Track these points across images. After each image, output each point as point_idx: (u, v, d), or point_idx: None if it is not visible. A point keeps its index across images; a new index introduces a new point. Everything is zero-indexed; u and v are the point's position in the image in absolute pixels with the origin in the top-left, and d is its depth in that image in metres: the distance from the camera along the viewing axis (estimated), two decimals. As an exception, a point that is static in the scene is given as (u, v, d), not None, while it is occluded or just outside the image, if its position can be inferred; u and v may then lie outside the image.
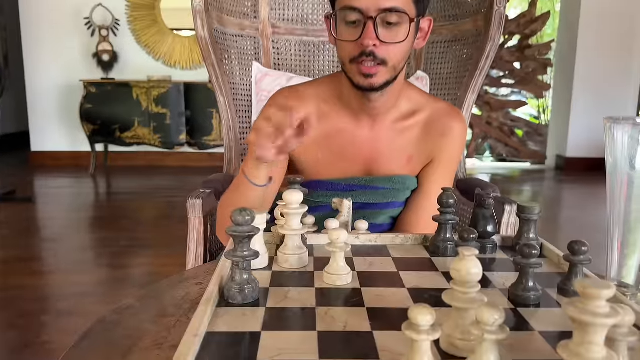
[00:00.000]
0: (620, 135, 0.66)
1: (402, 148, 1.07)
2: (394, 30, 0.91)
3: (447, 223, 0.74)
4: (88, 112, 4.61)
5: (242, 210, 0.56)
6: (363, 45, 0.91)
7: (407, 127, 1.07)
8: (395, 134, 1.07)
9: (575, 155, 5.03)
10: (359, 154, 1.06)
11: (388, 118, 1.06)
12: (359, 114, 1.04)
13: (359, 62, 0.93)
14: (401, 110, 1.07)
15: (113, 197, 4.25)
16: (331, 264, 0.63)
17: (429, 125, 1.08)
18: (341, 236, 0.62)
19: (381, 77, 0.94)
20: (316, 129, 1.05)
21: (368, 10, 0.89)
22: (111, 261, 2.68)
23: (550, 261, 0.73)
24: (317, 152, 1.07)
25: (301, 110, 0.83)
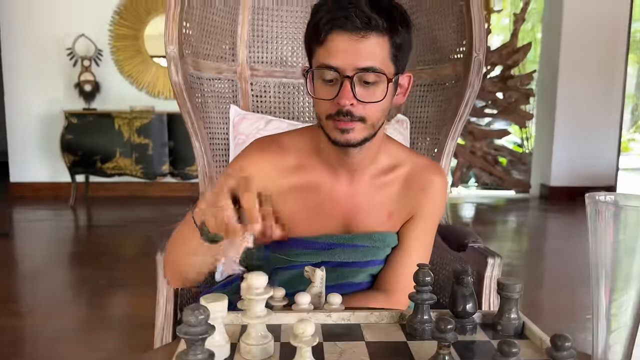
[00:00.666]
0: (603, 213, 0.62)
1: (381, 204, 1.04)
2: (371, 89, 0.89)
3: (423, 303, 0.70)
4: (69, 142, 4.53)
5: (195, 309, 0.51)
6: (339, 104, 0.88)
7: (387, 183, 1.04)
8: (375, 189, 1.03)
9: (559, 184, 5.05)
10: (337, 210, 1.03)
11: (367, 173, 1.03)
12: (337, 169, 1.01)
13: (335, 119, 0.90)
14: (380, 165, 1.04)
15: (93, 230, 4.16)
16: (297, 359, 0.58)
17: (409, 180, 1.05)
18: (307, 329, 0.58)
19: (358, 133, 0.91)
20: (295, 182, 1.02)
21: (345, 69, 0.87)
22: (90, 300, 2.61)
23: (532, 344, 0.68)
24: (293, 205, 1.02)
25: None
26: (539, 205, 5.01)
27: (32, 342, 2.18)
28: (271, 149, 1.03)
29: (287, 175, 1.01)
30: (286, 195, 1.01)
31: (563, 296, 2.50)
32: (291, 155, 1.02)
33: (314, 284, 0.82)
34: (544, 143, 5.25)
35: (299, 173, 1.02)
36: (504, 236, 4.04)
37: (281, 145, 1.03)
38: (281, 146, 1.03)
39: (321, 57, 0.89)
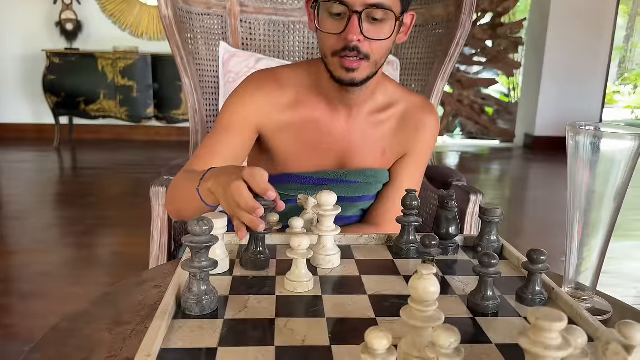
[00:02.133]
0: (582, 141, 0.66)
1: (376, 141, 1.06)
2: (378, 26, 0.89)
3: (410, 225, 0.74)
4: (51, 83, 4.44)
5: (200, 220, 0.55)
6: (347, 39, 0.88)
7: (382, 120, 1.06)
8: (371, 126, 1.05)
9: (543, 134, 5.12)
10: (333, 145, 1.05)
11: (364, 110, 1.04)
12: (335, 105, 1.02)
13: (341, 56, 0.90)
14: (377, 102, 1.05)
15: (78, 172, 4.15)
16: (292, 270, 0.63)
17: (404, 119, 1.07)
18: (302, 243, 0.61)
19: (363, 71, 0.92)
20: (292, 118, 1.03)
21: (354, 4, 0.86)
22: (77, 240, 2.63)
23: (510, 264, 0.74)
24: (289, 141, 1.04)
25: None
26: (522, 154, 5.09)
27: (19, 279, 2.21)
28: (268, 84, 1.03)
29: (284, 110, 1.02)
30: (283, 130, 1.02)
31: (542, 242, 2.60)
32: (289, 91, 1.03)
33: (306, 210, 0.86)
34: (530, 93, 5.28)
35: (296, 109, 1.03)
36: (487, 184, 4.13)
37: (279, 80, 1.03)
38: (279, 81, 1.03)
39: None
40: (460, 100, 4.99)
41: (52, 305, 1.96)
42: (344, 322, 0.56)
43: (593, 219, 0.68)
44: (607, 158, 0.67)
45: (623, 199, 0.68)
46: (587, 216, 0.68)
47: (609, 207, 0.68)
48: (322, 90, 1.02)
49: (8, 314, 1.90)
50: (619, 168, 0.66)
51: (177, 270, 0.62)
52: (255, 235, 0.69)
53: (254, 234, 0.69)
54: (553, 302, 0.63)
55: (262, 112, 1.02)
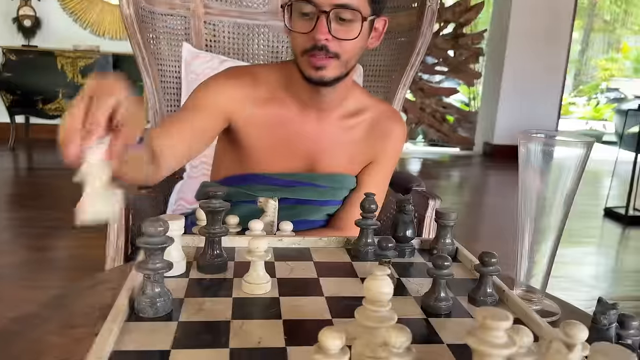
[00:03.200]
0: (533, 150, 0.68)
1: (345, 146, 1.07)
2: (346, 26, 0.90)
3: (368, 228, 0.75)
4: (7, 80, 4.29)
5: (155, 221, 0.54)
6: (315, 39, 0.90)
7: (352, 126, 1.07)
8: (341, 131, 1.06)
9: (502, 142, 5.26)
10: (302, 147, 1.05)
11: (334, 114, 1.05)
12: (306, 107, 1.03)
13: (310, 55, 0.91)
14: (348, 108, 1.06)
15: (34, 172, 4.02)
16: (250, 272, 0.63)
17: (372, 126, 1.08)
18: (260, 245, 0.61)
19: (332, 70, 0.93)
20: (264, 114, 1.03)
21: (322, 4, 0.88)
22: (31, 242, 2.54)
23: (464, 267, 0.76)
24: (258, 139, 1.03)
25: None
26: (481, 162, 5.22)
27: (-28, 282, 2.13)
28: (243, 77, 1.02)
29: (257, 104, 1.01)
30: (253, 124, 1.02)
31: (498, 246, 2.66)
32: (263, 87, 1.03)
33: (266, 213, 0.86)
34: (490, 102, 5.43)
35: (269, 105, 1.02)
36: (447, 190, 4.21)
37: (253, 75, 1.03)
38: (253, 76, 1.03)
39: None
40: (423, 108, 5.08)
41: (3, 308, 1.89)
42: (300, 323, 0.56)
43: (543, 224, 0.71)
44: (557, 165, 0.69)
45: (571, 204, 0.71)
46: (538, 222, 0.71)
47: (559, 212, 0.71)
48: (294, 91, 1.02)
49: (-45, 319, 1.82)
50: (568, 175, 0.69)
51: (130, 272, 0.61)
52: (211, 238, 0.68)
53: (211, 237, 0.68)
54: (504, 303, 0.65)
55: (235, 100, 1.01)
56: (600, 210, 3.66)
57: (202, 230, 0.68)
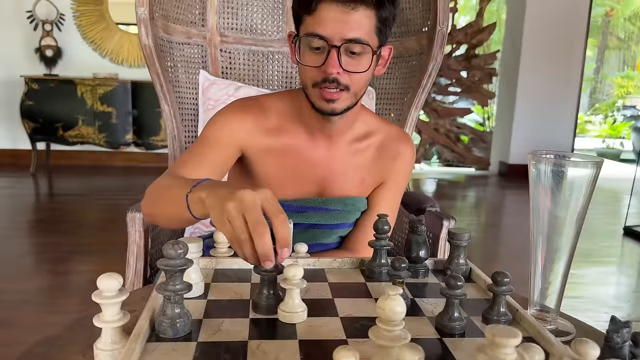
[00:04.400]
0: (543, 170, 0.69)
1: (355, 169, 1.09)
2: (356, 60, 0.92)
3: (381, 249, 0.76)
4: (29, 109, 4.41)
5: (175, 244, 0.56)
6: (326, 72, 0.91)
7: (361, 149, 1.09)
8: (350, 155, 1.08)
9: (517, 162, 5.24)
10: (313, 173, 1.07)
11: (344, 139, 1.07)
12: (316, 134, 1.05)
13: (321, 87, 0.93)
14: (356, 132, 1.08)
15: (55, 198, 4.09)
16: (287, 301, 0.63)
17: (382, 148, 1.10)
18: (297, 273, 0.63)
19: (343, 102, 0.95)
20: (274, 143, 1.04)
21: (332, 39, 0.90)
22: (53, 267, 2.59)
23: (478, 287, 0.76)
24: (270, 168, 1.05)
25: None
26: (497, 182, 5.20)
27: (-6, 307, 2.17)
28: (253, 108, 1.05)
29: (268, 135, 1.04)
30: (265, 154, 1.04)
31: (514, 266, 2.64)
32: (272, 117, 1.05)
33: (281, 235, 0.88)
34: (504, 122, 5.42)
35: (278, 135, 1.05)
36: (463, 211, 4.19)
37: (262, 107, 1.05)
38: (262, 107, 1.05)
39: (310, 26, 0.92)
40: (437, 128, 5.09)
41: (26, 333, 1.92)
42: (315, 343, 0.57)
43: (555, 243, 0.72)
44: (567, 185, 0.70)
45: (582, 223, 0.71)
46: (550, 241, 0.71)
47: (571, 232, 0.71)
48: (303, 119, 1.04)
49: (-21, 344, 1.86)
50: (579, 194, 0.70)
51: (151, 294, 0.63)
52: (267, 277, 0.64)
53: (266, 277, 0.64)
54: (517, 323, 0.65)
55: (247, 132, 1.03)
56: (619, 229, 3.60)
57: (258, 269, 0.64)
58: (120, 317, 0.57)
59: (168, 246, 0.56)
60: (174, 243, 0.56)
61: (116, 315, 0.56)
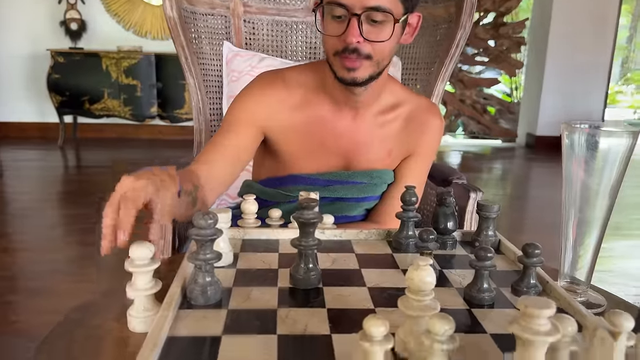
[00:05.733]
0: (577, 140, 0.68)
1: (382, 141, 1.07)
2: (378, 28, 0.90)
3: (409, 220, 0.76)
4: (56, 82, 4.47)
5: (205, 214, 0.57)
6: (346, 41, 0.90)
7: (388, 121, 1.07)
8: (377, 127, 1.07)
9: (545, 133, 5.13)
10: (339, 145, 1.06)
11: (370, 111, 1.05)
12: (341, 105, 1.04)
13: (342, 56, 0.92)
14: (383, 103, 1.07)
15: (83, 170, 4.18)
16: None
17: (409, 120, 1.08)
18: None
19: (364, 70, 0.93)
20: (299, 118, 1.04)
21: (353, 7, 0.88)
22: (82, 238, 2.65)
23: (507, 258, 0.75)
24: (296, 142, 1.05)
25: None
26: (524, 154, 5.10)
27: (25, 276, 2.24)
28: (276, 85, 1.04)
29: (291, 111, 1.03)
30: (289, 131, 1.04)
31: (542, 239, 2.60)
32: (296, 91, 1.04)
33: (307, 206, 0.88)
34: (533, 92, 5.29)
35: (303, 109, 1.04)
36: (489, 183, 4.14)
37: (286, 81, 1.04)
38: (286, 82, 1.04)
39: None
40: (463, 99, 5.00)
41: (58, 301, 1.98)
42: (343, 312, 0.58)
43: (588, 216, 0.70)
44: (601, 156, 0.68)
45: (616, 196, 0.70)
46: (582, 213, 0.70)
47: (604, 204, 0.70)
48: (328, 90, 1.03)
49: (14, 311, 1.93)
50: (613, 165, 0.68)
51: (182, 263, 0.64)
52: (304, 251, 0.63)
53: (304, 250, 0.64)
54: (547, 294, 0.64)
55: (269, 112, 1.03)
56: (650, 202, 3.52)
57: (294, 242, 0.64)
58: (152, 285, 0.58)
59: (198, 216, 0.56)
60: (204, 213, 0.57)
61: (148, 284, 0.58)
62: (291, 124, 1.03)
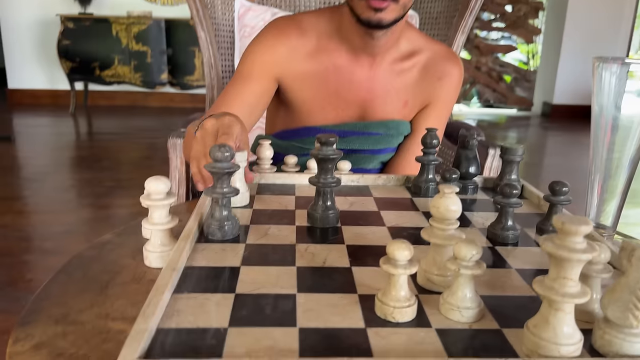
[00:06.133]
0: (607, 76, 0.65)
1: (399, 91, 1.04)
2: None
3: (429, 163, 0.74)
4: (66, 48, 4.45)
5: (221, 146, 0.55)
6: None
7: (405, 69, 1.04)
8: (394, 75, 1.03)
9: (562, 102, 5.03)
10: (355, 95, 1.03)
11: (387, 58, 1.02)
12: (358, 52, 1.00)
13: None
14: (401, 50, 1.03)
15: (94, 137, 4.18)
16: None
17: (427, 68, 1.04)
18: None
19: (390, 13, 0.89)
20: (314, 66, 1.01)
21: None
22: (94, 201, 2.67)
23: (531, 202, 0.73)
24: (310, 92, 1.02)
25: None
26: (540, 122, 5.02)
27: (40, 237, 2.26)
28: (290, 31, 1.00)
29: (305, 59, 1.00)
30: (303, 80, 1.01)
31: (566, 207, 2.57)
32: (311, 38, 1.00)
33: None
34: (550, 60, 5.17)
35: (319, 57, 1.00)
36: (502, 152, 4.09)
37: (301, 27, 1.01)
38: (301, 28, 1.01)
39: None
40: (478, 67, 4.91)
41: (72, 260, 2.00)
42: (363, 248, 0.56)
43: (616, 157, 0.68)
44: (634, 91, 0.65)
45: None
46: (611, 153, 0.67)
47: (633, 146, 0.67)
48: (344, 37, 0.99)
49: (30, 269, 1.95)
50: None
51: (200, 199, 0.63)
52: (323, 188, 0.62)
53: (322, 187, 0.62)
54: (573, 235, 0.62)
55: (283, 61, 1.00)
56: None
57: (313, 179, 0.62)
58: (169, 220, 0.57)
59: (215, 149, 0.55)
60: (220, 146, 0.55)
61: (165, 218, 0.56)
62: (306, 72, 1.00)
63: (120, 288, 0.51)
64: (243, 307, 0.43)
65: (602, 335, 0.38)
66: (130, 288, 0.51)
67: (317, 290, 0.46)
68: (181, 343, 0.38)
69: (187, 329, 0.39)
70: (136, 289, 0.51)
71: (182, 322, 0.40)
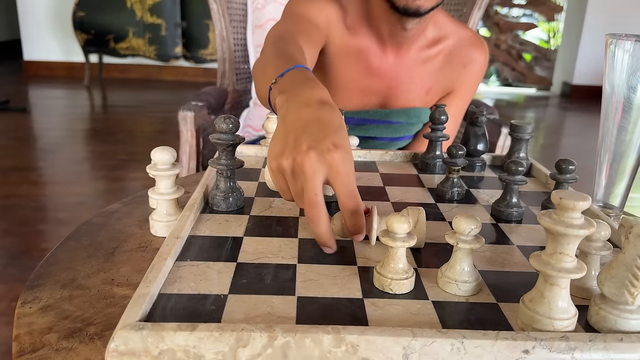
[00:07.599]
0: (620, 54, 0.63)
1: (422, 79, 1.03)
2: None
3: (437, 140, 0.73)
4: (81, 20, 4.45)
5: (226, 118, 0.55)
6: None
7: (431, 57, 1.02)
8: (418, 63, 1.02)
9: (582, 82, 4.93)
10: (378, 83, 1.01)
11: (414, 46, 1.00)
12: (385, 41, 0.98)
13: None
14: (428, 37, 1.01)
15: (109, 109, 4.21)
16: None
17: (452, 54, 1.03)
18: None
19: (430, 0, 0.87)
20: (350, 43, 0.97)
21: None
22: (108, 173, 2.70)
23: (538, 180, 0.73)
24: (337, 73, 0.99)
25: None
26: (559, 103, 4.94)
27: (55, 207, 2.30)
28: (333, 2, 0.96)
29: (346, 32, 0.97)
30: (342, 56, 0.98)
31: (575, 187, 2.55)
32: (350, 14, 0.98)
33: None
34: (571, 39, 5.05)
35: (355, 35, 0.98)
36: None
37: (340, 1, 0.97)
38: (340, 2, 0.97)
39: None
40: (498, 44, 4.82)
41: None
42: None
43: (627, 134, 0.67)
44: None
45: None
46: (621, 132, 0.66)
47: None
48: (373, 22, 0.97)
49: (45, 239, 1.99)
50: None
51: (206, 171, 0.64)
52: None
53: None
54: (579, 214, 0.62)
55: (333, 19, 0.96)
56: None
57: None
58: (175, 190, 0.57)
59: (220, 120, 0.55)
60: (225, 117, 0.55)
61: (171, 188, 0.57)
62: (345, 45, 0.97)
63: (126, 255, 0.53)
64: (244, 276, 0.44)
65: (598, 311, 0.38)
66: (136, 255, 0.53)
67: (317, 261, 0.47)
68: (182, 308, 0.39)
69: (188, 295, 0.40)
70: (142, 256, 0.53)
71: (183, 288, 0.41)
